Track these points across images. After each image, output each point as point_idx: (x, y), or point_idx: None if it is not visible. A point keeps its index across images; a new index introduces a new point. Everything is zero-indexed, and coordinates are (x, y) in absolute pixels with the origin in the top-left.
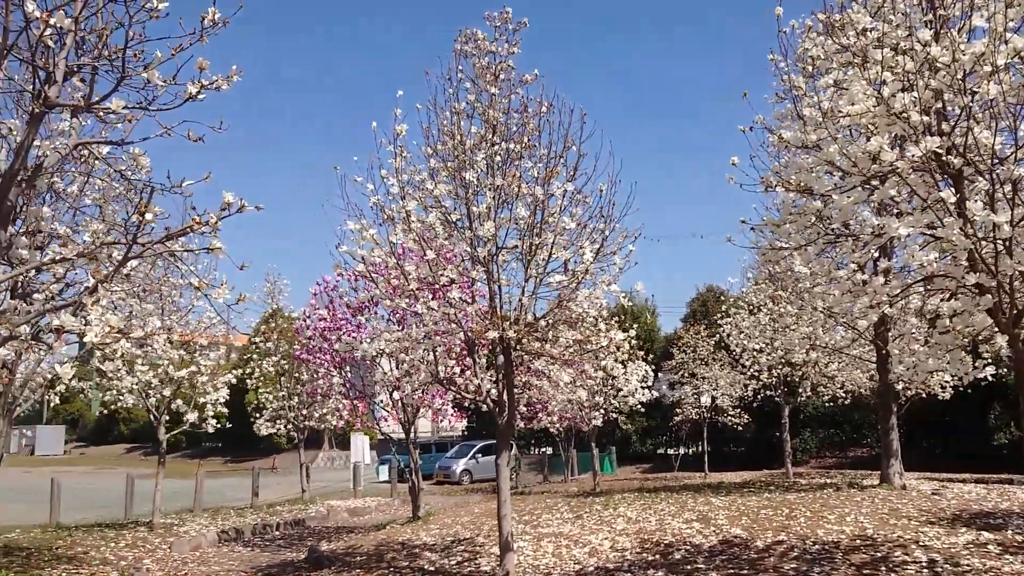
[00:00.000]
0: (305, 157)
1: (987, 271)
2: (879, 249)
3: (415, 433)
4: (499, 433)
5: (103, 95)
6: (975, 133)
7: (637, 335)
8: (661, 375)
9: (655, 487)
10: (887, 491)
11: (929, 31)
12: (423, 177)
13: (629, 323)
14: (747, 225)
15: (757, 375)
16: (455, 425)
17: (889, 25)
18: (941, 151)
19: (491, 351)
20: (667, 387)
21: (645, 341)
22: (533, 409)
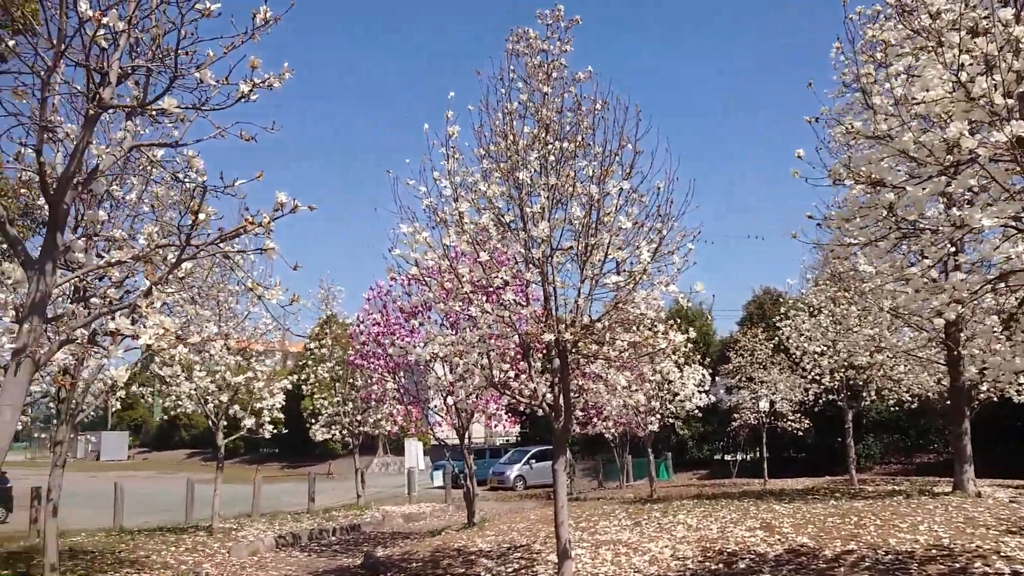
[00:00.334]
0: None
1: None
2: (951, 243)
3: (469, 438)
4: (555, 438)
5: (156, 96)
6: None
7: (692, 339)
8: (718, 379)
9: (714, 494)
10: (961, 499)
11: (1010, 10)
12: (476, 179)
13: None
14: (812, 221)
15: (818, 379)
16: (508, 430)
17: (966, 6)
18: None
19: (546, 354)
20: (724, 391)
21: (701, 344)
22: (588, 414)
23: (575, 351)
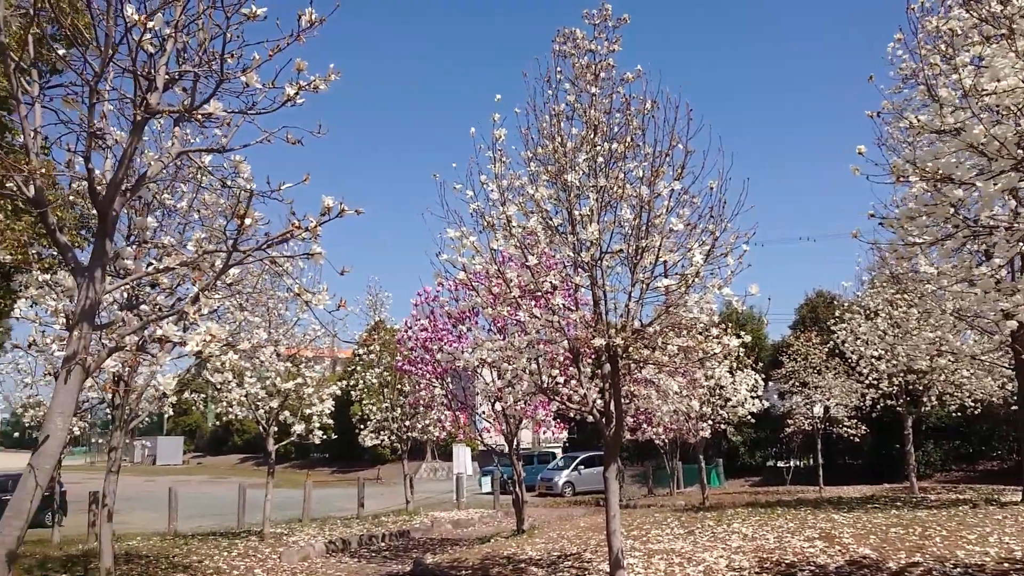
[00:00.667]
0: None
1: None
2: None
3: (517, 444)
4: (606, 445)
5: (202, 100)
6: None
7: (746, 343)
8: (770, 384)
9: (768, 501)
10: None
11: None
12: (523, 182)
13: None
14: (874, 220)
15: (875, 383)
16: (557, 436)
17: None
18: None
19: (596, 360)
20: (777, 397)
21: (753, 349)
22: (637, 420)
23: (626, 356)
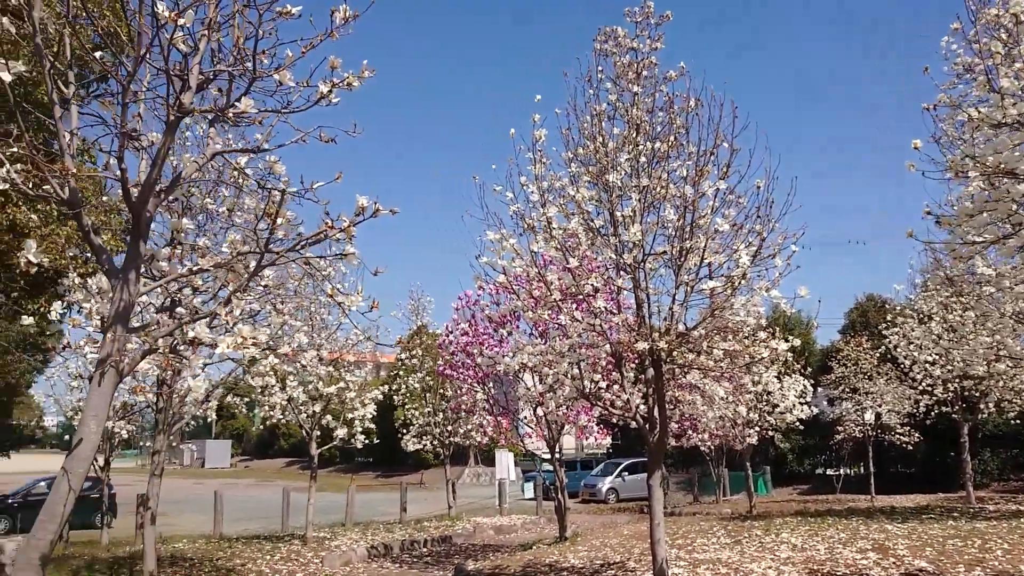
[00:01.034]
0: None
1: None
2: None
3: (560, 450)
4: (650, 452)
5: (235, 98)
6: None
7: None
8: (819, 390)
9: (818, 510)
10: None
11: None
12: (563, 183)
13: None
14: (931, 218)
15: (929, 390)
16: (600, 442)
17: None
18: None
19: (639, 364)
20: (826, 403)
21: (801, 353)
22: (682, 426)
23: (670, 361)
